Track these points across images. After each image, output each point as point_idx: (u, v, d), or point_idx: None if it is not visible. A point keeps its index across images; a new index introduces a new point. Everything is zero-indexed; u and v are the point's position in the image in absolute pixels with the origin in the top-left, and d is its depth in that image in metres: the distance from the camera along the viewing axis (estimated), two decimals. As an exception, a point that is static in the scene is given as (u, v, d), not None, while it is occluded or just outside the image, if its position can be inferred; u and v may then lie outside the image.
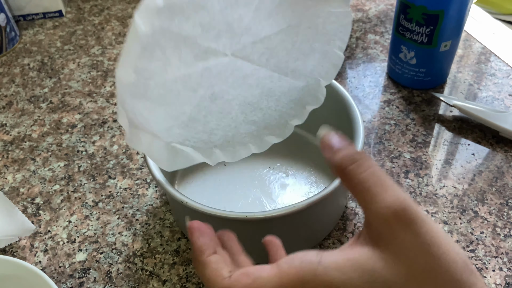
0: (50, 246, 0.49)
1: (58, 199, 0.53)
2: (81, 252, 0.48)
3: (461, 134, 0.58)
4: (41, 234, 0.50)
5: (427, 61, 0.60)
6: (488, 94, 0.62)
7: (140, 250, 0.48)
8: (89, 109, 0.64)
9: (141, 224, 0.50)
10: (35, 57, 0.73)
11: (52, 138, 0.60)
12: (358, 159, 0.27)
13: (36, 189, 0.54)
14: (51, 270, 0.47)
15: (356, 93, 0.63)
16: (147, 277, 0.46)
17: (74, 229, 0.50)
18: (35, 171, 0.56)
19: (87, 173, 0.56)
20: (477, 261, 0.46)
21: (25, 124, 0.62)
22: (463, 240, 0.48)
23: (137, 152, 0.58)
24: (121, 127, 0.61)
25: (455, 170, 0.54)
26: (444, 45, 0.58)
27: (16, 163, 0.58)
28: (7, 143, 0.60)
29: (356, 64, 0.68)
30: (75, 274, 0.47)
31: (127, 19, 0.80)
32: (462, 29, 0.58)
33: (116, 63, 0.71)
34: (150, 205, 0.52)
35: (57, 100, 0.65)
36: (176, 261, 0.47)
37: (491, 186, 0.52)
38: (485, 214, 0.50)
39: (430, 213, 0.50)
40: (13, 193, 0.54)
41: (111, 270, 0.47)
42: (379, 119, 0.60)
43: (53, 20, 0.80)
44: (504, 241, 0.47)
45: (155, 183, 0.54)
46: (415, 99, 0.62)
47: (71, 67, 0.71)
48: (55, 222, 0.51)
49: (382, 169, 0.28)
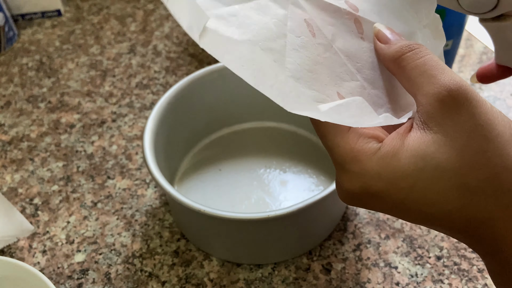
0: (48, 247, 0.49)
1: (57, 200, 0.53)
2: (79, 253, 0.48)
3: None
4: (39, 234, 0.50)
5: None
6: (490, 94, 0.62)
7: (139, 251, 0.48)
8: (88, 109, 0.63)
9: (140, 224, 0.50)
10: (34, 56, 0.73)
11: (51, 138, 0.60)
12: (415, 47, 0.27)
13: (35, 190, 0.54)
14: (50, 271, 0.47)
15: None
16: (146, 278, 0.46)
17: (73, 230, 0.50)
18: (33, 172, 0.56)
19: (86, 173, 0.55)
20: (479, 262, 0.46)
21: (23, 124, 0.62)
22: (465, 240, 0.47)
23: (136, 152, 0.57)
24: (120, 126, 0.61)
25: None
26: (446, 44, 0.58)
27: (15, 163, 0.57)
28: (5, 143, 0.60)
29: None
30: (74, 275, 0.46)
31: (126, 18, 0.80)
32: (463, 29, 0.58)
33: (115, 62, 0.71)
34: (149, 205, 0.52)
35: (55, 100, 0.65)
36: (175, 262, 0.47)
37: (492, 186, 0.52)
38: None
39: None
40: (12, 193, 0.54)
41: (110, 271, 0.46)
42: (380, 119, 0.59)
43: (51, 19, 0.80)
44: (506, 242, 0.47)
45: (155, 183, 0.53)
46: (416, 99, 0.62)
47: (69, 67, 0.70)
48: (53, 222, 0.51)
49: None
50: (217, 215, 0.40)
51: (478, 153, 0.24)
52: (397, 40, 0.28)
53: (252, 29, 0.28)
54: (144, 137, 0.46)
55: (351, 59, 0.30)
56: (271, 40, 0.28)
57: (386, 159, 0.25)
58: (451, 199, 0.25)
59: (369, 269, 0.46)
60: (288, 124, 0.57)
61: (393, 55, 0.28)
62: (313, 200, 0.40)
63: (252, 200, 0.50)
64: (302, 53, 0.28)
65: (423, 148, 0.25)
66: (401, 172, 0.25)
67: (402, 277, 0.45)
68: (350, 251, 0.47)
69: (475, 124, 0.24)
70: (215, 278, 0.46)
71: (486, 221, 0.25)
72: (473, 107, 0.24)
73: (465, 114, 0.24)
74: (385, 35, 0.29)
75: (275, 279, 0.45)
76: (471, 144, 0.24)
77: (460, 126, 0.24)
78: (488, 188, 0.24)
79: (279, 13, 0.29)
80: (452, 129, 0.24)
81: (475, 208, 0.25)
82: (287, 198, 0.50)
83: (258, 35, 0.28)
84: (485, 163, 0.24)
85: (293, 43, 0.28)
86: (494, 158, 0.24)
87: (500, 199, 0.24)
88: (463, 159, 0.24)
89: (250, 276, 0.46)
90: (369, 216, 0.50)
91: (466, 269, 0.45)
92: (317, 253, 0.47)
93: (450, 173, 0.24)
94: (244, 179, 0.53)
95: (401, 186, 0.25)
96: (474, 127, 0.24)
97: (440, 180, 0.24)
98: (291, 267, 0.46)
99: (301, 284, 0.45)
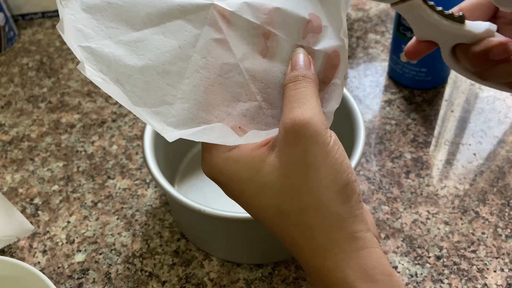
0: (49, 246, 0.49)
1: (57, 200, 0.53)
2: (80, 253, 0.48)
3: (462, 134, 0.58)
4: (40, 234, 0.50)
5: (428, 61, 0.60)
6: (489, 94, 0.62)
7: (139, 251, 0.48)
8: (88, 109, 0.63)
9: (141, 224, 0.50)
10: (34, 56, 0.73)
11: (51, 138, 0.60)
12: (299, 80, 0.29)
13: (35, 190, 0.54)
14: (50, 270, 0.47)
15: (356, 93, 0.63)
16: (147, 278, 0.46)
17: (73, 230, 0.50)
18: (34, 171, 0.56)
19: (86, 173, 0.55)
20: (479, 261, 0.46)
21: (23, 124, 0.62)
22: (464, 240, 0.47)
23: (136, 152, 0.57)
24: (120, 127, 0.61)
25: (456, 170, 0.54)
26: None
27: (15, 163, 0.57)
28: (6, 143, 0.60)
29: (357, 64, 0.68)
30: (74, 274, 0.46)
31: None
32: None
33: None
34: (149, 205, 0.52)
35: (56, 100, 0.65)
36: (175, 262, 0.47)
37: (492, 186, 0.52)
38: (487, 214, 0.49)
39: (431, 214, 0.50)
40: (12, 193, 0.54)
41: (110, 271, 0.47)
42: (380, 119, 0.60)
43: (52, 19, 0.80)
44: (505, 242, 0.47)
45: (155, 183, 0.53)
46: (416, 99, 0.62)
47: (70, 67, 0.70)
48: (54, 222, 0.51)
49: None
50: (217, 215, 0.40)
51: (295, 186, 0.27)
52: (300, 68, 0.30)
53: (154, 53, 0.29)
54: (144, 137, 0.46)
55: (255, 79, 0.31)
56: (171, 64, 0.29)
57: (230, 161, 0.29)
58: (269, 215, 0.29)
59: (369, 269, 0.46)
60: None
61: (285, 81, 0.30)
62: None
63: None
64: (202, 74, 0.30)
65: (261, 165, 0.28)
66: (238, 177, 0.28)
67: (402, 277, 0.45)
68: (350, 251, 0.47)
69: (303, 161, 0.27)
70: (215, 278, 0.46)
71: (291, 246, 0.29)
72: (308, 145, 0.27)
73: (299, 149, 0.27)
74: (296, 61, 0.30)
75: (275, 279, 0.45)
76: (293, 176, 0.27)
77: (292, 158, 0.27)
78: (294, 218, 0.28)
79: (191, 34, 0.30)
80: (286, 159, 0.27)
81: (285, 231, 0.29)
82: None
83: (158, 59, 0.29)
84: (298, 197, 0.27)
85: (196, 64, 0.30)
86: (305, 195, 0.27)
87: (301, 230, 0.28)
88: (284, 186, 0.28)
89: (250, 276, 0.46)
90: (369, 216, 0.50)
91: (465, 269, 0.45)
92: (317, 253, 0.47)
93: (271, 193, 0.28)
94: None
95: (235, 187, 0.29)
96: (301, 163, 0.27)
97: (263, 196, 0.28)
98: (291, 267, 0.46)
99: (301, 284, 0.45)
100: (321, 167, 0.27)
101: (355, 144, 0.44)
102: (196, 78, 0.30)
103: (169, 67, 0.29)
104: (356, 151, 0.43)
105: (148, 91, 0.29)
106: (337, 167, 0.27)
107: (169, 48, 0.29)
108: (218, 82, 0.30)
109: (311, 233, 0.28)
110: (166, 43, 0.29)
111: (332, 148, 0.27)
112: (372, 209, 0.50)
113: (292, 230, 0.28)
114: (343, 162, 0.28)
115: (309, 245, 0.28)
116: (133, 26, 0.29)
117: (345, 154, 0.28)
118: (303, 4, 0.31)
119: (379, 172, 0.54)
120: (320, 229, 0.28)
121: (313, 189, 0.27)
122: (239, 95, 0.31)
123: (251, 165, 0.28)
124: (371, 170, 0.54)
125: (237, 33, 0.30)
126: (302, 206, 0.27)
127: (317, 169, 0.27)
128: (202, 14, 0.30)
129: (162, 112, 0.29)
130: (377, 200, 0.51)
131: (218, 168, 0.29)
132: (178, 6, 0.29)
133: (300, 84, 0.29)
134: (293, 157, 0.27)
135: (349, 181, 0.28)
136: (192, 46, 0.30)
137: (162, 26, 0.29)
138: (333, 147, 0.27)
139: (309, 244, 0.28)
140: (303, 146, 0.27)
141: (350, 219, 0.28)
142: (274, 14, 0.30)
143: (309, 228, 0.28)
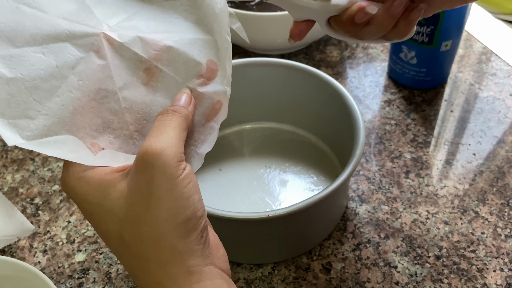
0: (49, 246, 0.49)
1: (58, 200, 0.53)
2: (80, 253, 0.48)
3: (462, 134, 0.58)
4: (40, 234, 0.50)
5: (428, 61, 0.60)
6: (489, 94, 0.62)
7: (139, 251, 0.48)
8: (88, 109, 0.64)
9: (141, 224, 0.50)
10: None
11: (52, 138, 0.60)
12: (168, 112, 0.30)
13: (35, 189, 0.54)
14: (50, 270, 0.47)
15: (356, 93, 0.63)
16: (147, 277, 0.46)
17: (74, 230, 0.50)
18: (34, 171, 0.56)
19: (86, 173, 0.55)
20: (478, 261, 0.46)
21: (24, 124, 0.62)
22: (464, 240, 0.48)
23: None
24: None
25: (456, 170, 0.54)
26: (445, 44, 0.58)
27: (15, 163, 0.57)
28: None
29: (357, 64, 0.68)
30: (75, 274, 0.46)
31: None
32: (462, 29, 0.58)
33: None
34: (149, 205, 0.52)
35: (56, 99, 0.65)
36: (176, 262, 0.47)
37: (492, 186, 0.52)
38: (486, 214, 0.50)
39: (431, 214, 0.50)
40: (12, 193, 0.54)
41: (110, 271, 0.47)
42: (380, 119, 0.60)
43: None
44: (505, 242, 0.47)
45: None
46: (415, 99, 0.62)
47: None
48: (54, 222, 0.51)
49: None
50: (217, 215, 0.40)
51: (136, 215, 0.28)
52: (177, 104, 0.31)
53: (27, 69, 0.29)
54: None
55: (132, 110, 0.32)
56: (44, 80, 0.30)
57: (82, 181, 0.29)
58: (114, 241, 0.29)
59: (368, 268, 0.46)
60: (288, 124, 0.57)
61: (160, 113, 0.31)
62: (313, 200, 0.40)
63: (252, 200, 0.50)
64: (73, 95, 0.30)
65: (110, 190, 0.28)
66: (87, 199, 0.29)
67: (402, 277, 0.45)
68: (349, 251, 0.47)
69: (146, 190, 0.27)
70: (215, 278, 0.46)
71: (132, 277, 0.29)
72: (154, 175, 0.27)
73: (145, 178, 0.27)
74: (177, 99, 0.31)
75: (275, 278, 0.46)
76: (136, 204, 0.28)
77: (137, 186, 0.27)
78: (133, 248, 0.28)
79: (73, 57, 0.30)
80: (133, 186, 0.28)
81: (126, 260, 0.29)
82: (287, 198, 0.50)
83: (29, 74, 0.29)
84: (137, 227, 0.28)
85: (70, 85, 0.30)
86: (144, 225, 0.27)
87: (139, 261, 0.28)
88: (127, 214, 0.28)
89: (250, 276, 0.46)
90: (369, 215, 0.50)
91: (465, 269, 0.46)
92: (316, 253, 0.47)
93: (116, 220, 0.28)
94: (244, 179, 0.53)
95: (86, 209, 0.29)
96: (144, 192, 0.27)
97: (109, 222, 0.28)
98: (291, 266, 0.46)
99: (301, 284, 0.45)
100: (164, 198, 0.27)
101: (354, 144, 0.44)
102: (67, 98, 0.30)
103: (41, 83, 0.30)
104: (355, 151, 0.43)
105: (10, 103, 0.29)
106: (181, 201, 0.27)
107: (45, 66, 0.30)
108: (90, 105, 0.30)
109: (147, 265, 0.28)
110: (43, 61, 0.30)
111: (181, 181, 0.27)
112: (372, 209, 0.50)
113: (131, 260, 0.29)
114: (190, 197, 0.28)
115: (145, 278, 0.28)
116: (14, 43, 0.29)
117: (198, 190, 0.29)
118: (198, 47, 0.32)
119: (378, 172, 0.54)
120: (156, 262, 0.28)
121: (152, 220, 0.27)
122: (111, 122, 0.31)
123: (101, 189, 0.28)
124: (371, 170, 0.54)
125: (123, 64, 0.31)
126: (141, 237, 0.28)
127: (159, 200, 0.27)
128: (89, 40, 0.30)
129: (20, 125, 0.29)
130: (377, 200, 0.51)
131: (71, 187, 0.29)
132: (66, 31, 0.30)
133: (166, 116, 0.29)
134: (138, 185, 0.27)
135: (192, 217, 0.28)
136: (71, 67, 0.30)
137: (45, 46, 0.30)
138: (182, 180, 0.27)
139: (146, 277, 0.28)
140: (149, 175, 0.27)
141: (187, 254, 0.27)
142: (165, 52, 0.31)
143: (145, 260, 0.28)
